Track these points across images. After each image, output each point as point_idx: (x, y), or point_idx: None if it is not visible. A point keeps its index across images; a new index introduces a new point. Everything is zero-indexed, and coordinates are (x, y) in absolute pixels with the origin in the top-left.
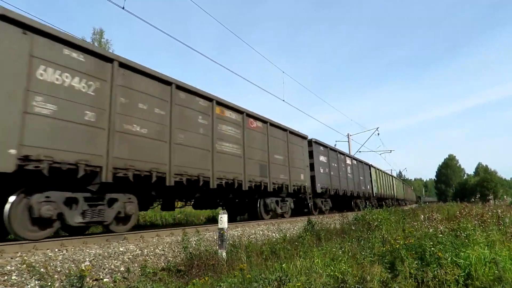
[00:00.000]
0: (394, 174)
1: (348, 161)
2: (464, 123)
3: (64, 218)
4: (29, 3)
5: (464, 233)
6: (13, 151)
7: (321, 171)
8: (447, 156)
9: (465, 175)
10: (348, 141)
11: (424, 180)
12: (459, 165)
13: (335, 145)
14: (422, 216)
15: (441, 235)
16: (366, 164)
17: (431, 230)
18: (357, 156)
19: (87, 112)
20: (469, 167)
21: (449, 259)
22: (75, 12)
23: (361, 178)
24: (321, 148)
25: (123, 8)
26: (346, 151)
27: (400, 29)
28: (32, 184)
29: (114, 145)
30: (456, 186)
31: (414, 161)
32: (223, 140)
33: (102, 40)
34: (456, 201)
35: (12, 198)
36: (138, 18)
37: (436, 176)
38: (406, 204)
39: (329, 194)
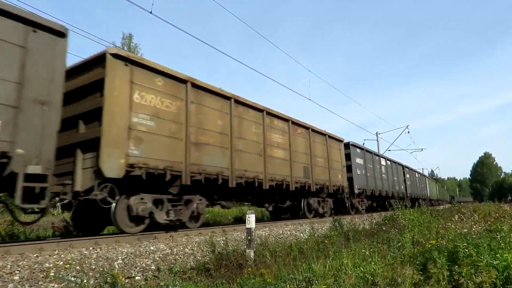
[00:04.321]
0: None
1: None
2: (501, 119)
3: None
4: (59, 8)
5: (499, 234)
6: None
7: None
8: (482, 154)
9: (503, 173)
10: (377, 140)
11: (458, 179)
12: (496, 163)
13: (363, 143)
14: (456, 216)
15: (474, 236)
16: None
17: (464, 231)
18: (386, 155)
19: None
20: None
21: (484, 261)
22: (104, 18)
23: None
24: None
25: (150, 12)
26: (375, 150)
27: (428, 23)
28: None
29: None
30: (492, 185)
31: (447, 160)
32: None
33: (131, 44)
34: (493, 201)
35: None
36: (165, 21)
37: (471, 175)
38: (438, 204)
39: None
